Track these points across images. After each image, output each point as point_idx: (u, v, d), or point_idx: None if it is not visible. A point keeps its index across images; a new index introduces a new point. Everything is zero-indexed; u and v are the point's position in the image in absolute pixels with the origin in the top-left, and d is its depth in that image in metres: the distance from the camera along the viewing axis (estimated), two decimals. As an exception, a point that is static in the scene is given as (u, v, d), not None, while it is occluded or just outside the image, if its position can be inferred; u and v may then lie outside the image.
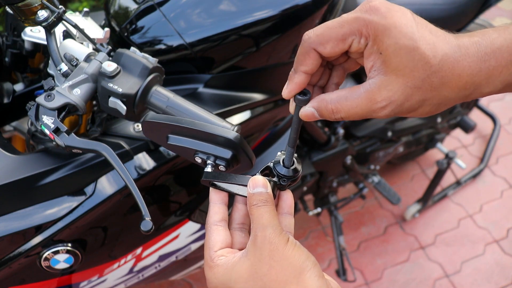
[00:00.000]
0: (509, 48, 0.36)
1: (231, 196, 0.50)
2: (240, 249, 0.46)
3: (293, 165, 0.48)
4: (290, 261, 0.40)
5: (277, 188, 0.48)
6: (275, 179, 0.48)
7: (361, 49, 0.38)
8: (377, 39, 0.36)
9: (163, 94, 0.66)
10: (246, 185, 0.46)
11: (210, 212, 0.48)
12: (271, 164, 0.48)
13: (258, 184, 0.44)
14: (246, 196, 0.48)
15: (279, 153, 0.49)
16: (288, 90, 0.41)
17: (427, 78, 0.36)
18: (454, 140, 2.23)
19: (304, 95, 0.42)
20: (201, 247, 1.06)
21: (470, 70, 0.36)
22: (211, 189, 0.49)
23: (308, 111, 0.41)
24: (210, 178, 0.49)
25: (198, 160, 0.55)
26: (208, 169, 0.54)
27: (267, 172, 0.49)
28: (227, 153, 0.53)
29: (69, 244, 0.75)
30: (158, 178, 0.83)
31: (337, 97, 0.40)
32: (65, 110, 0.64)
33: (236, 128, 0.65)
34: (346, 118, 0.40)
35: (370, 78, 0.38)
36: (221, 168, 0.54)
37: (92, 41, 0.72)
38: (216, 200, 0.48)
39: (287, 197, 0.49)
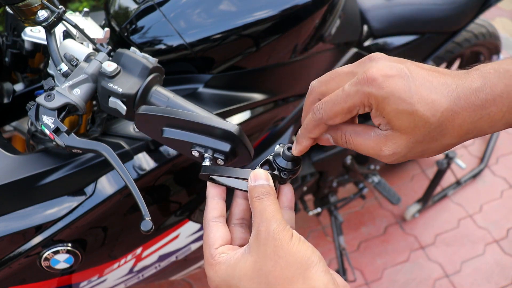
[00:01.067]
0: (510, 95, 0.37)
1: (230, 191, 0.49)
2: (241, 245, 0.45)
3: (294, 159, 0.48)
4: (295, 256, 0.39)
5: (277, 182, 0.47)
6: (275, 172, 0.47)
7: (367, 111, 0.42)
8: (379, 107, 0.39)
9: (163, 94, 0.66)
10: (246, 179, 0.45)
11: (208, 208, 0.47)
12: (271, 157, 0.48)
13: (259, 177, 0.44)
14: (246, 191, 0.47)
15: (278, 146, 0.49)
16: (297, 151, 0.46)
17: (428, 134, 0.39)
18: (454, 140, 2.23)
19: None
20: (201, 247, 1.06)
21: (471, 119, 0.38)
22: (208, 183, 0.48)
23: (325, 137, 0.45)
24: (209, 172, 0.48)
25: (195, 153, 0.53)
26: (206, 163, 0.52)
27: (267, 166, 0.48)
28: (225, 146, 0.52)
29: (69, 244, 0.75)
30: (158, 178, 0.83)
31: (352, 130, 0.43)
32: (65, 110, 0.64)
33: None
34: (356, 151, 0.43)
35: (380, 128, 0.41)
36: (220, 162, 0.53)
37: (92, 41, 0.72)
38: (214, 195, 0.47)
39: (287, 190, 0.48)
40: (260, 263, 0.40)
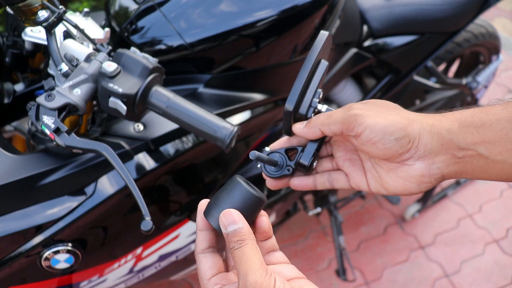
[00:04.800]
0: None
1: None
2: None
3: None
4: None
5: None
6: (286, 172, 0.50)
7: None
8: None
9: (163, 94, 0.67)
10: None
11: (197, 241, 0.45)
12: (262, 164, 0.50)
13: (231, 220, 0.41)
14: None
15: (266, 148, 0.52)
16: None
17: None
18: (454, 140, 2.23)
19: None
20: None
21: None
22: (198, 216, 0.46)
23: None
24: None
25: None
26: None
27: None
28: None
29: (70, 244, 0.75)
30: (158, 178, 0.83)
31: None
32: (65, 110, 0.64)
33: (236, 128, 0.65)
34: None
35: None
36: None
37: (92, 41, 0.72)
38: (202, 227, 0.45)
39: (260, 221, 0.45)
40: None
